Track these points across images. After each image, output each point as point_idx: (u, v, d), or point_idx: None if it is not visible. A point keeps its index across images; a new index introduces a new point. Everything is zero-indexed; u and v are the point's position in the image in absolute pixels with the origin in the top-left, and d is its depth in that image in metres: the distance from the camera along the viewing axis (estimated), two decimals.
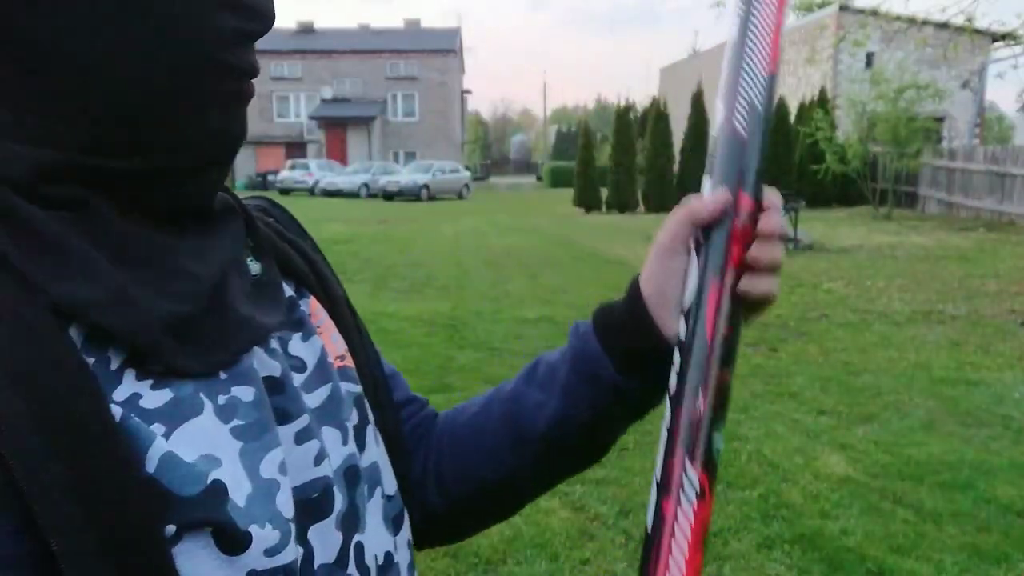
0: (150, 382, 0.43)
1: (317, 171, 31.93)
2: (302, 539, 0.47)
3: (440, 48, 42.24)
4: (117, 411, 0.41)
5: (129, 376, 0.42)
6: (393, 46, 42.07)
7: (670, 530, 0.54)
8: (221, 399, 0.45)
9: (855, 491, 3.49)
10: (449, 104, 42.18)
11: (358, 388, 0.57)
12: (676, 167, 20.32)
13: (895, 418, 4.50)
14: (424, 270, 10.18)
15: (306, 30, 43.34)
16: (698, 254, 0.57)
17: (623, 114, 20.89)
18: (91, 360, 0.41)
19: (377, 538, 0.54)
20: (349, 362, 0.58)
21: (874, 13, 11.35)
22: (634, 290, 0.61)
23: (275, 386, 0.49)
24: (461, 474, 0.66)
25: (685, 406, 0.55)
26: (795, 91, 23.88)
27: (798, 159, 19.29)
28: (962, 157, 16.59)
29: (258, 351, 0.49)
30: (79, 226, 0.42)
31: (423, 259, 11.28)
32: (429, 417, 0.69)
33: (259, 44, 0.50)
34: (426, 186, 28.58)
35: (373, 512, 0.54)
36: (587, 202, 20.61)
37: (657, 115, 20.21)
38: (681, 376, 0.56)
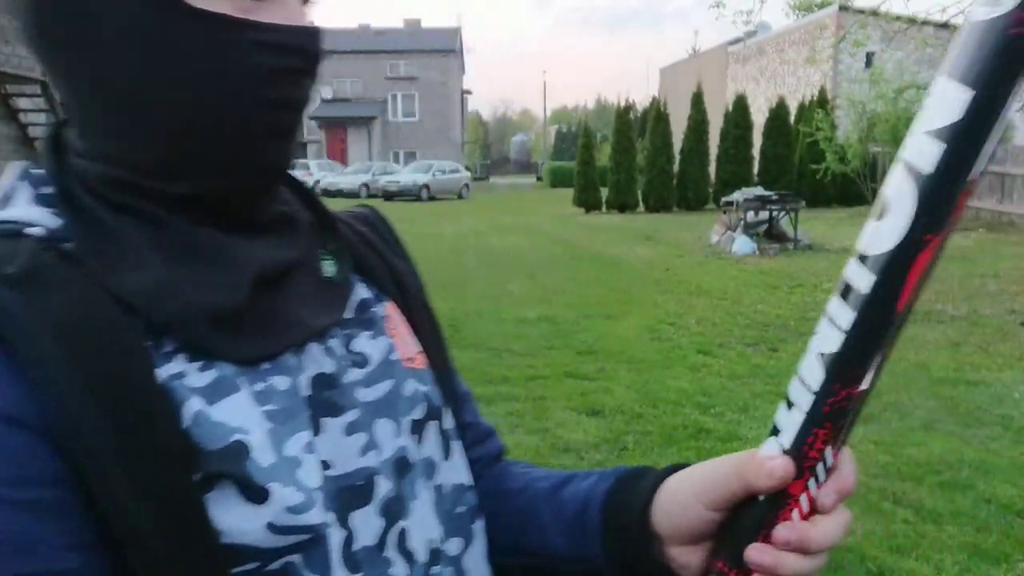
0: (198, 365, 0.48)
1: (317, 171, 31.90)
2: (344, 522, 0.51)
3: (440, 48, 42.26)
4: (161, 376, 0.47)
5: (180, 358, 0.48)
6: (393, 46, 42.11)
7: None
8: (259, 386, 0.50)
9: (855, 491, 3.49)
10: (449, 104, 42.20)
11: (425, 387, 0.61)
12: (676, 167, 20.32)
13: (895, 418, 4.50)
14: (424, 270, 10.12)
15: None
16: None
17: (623, 114, 20.88)
18: (148, 343, 0.47)
19: (425, 526, 0.57)
20: (420, 364, 0.62)
21: (874, 13, 11.34)
22: (646, 516, 0.56)
23: (327, 382, 0.54)
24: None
25: (839, 387, 0.47)
26: (795, 91, 23.89)
27: (798, 159, 19.29)
28: None
29: (314, 349, 0.54)
30: (139, 228, 0.49)
31: (423, 259, 11.07)
32: (490, 455, 0.71)
33: None
34: (426, 186, 28.58)
35: (423, 502, 0.57)
36: (587, 202, 20.60)
37: (657, 115, 20.20)
38: (850, 344, 0.46)
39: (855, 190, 18.31)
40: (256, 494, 0.47)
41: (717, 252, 11.73)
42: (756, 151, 19.91)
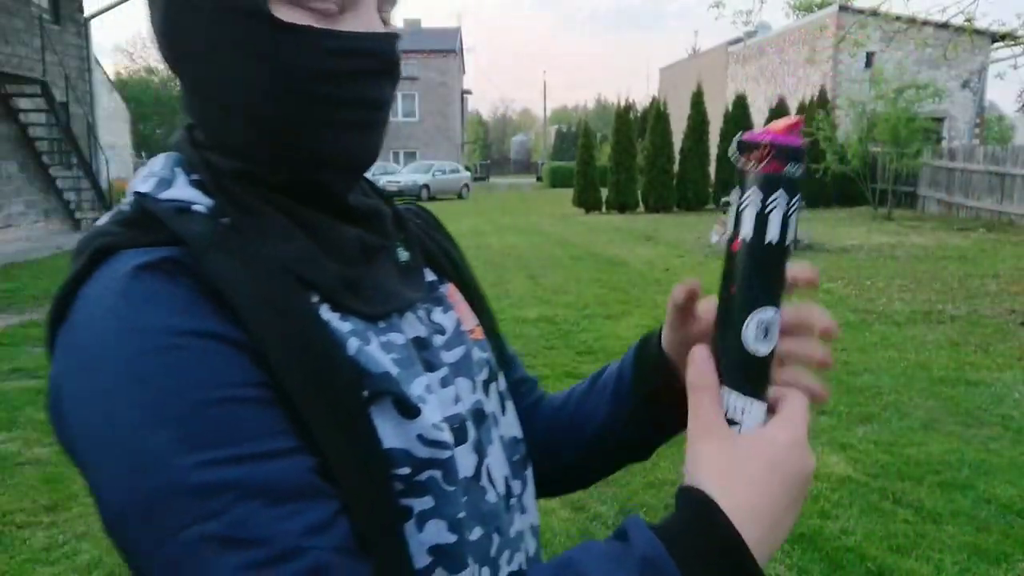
0: (338, 315, 0.58)
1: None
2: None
3: (440, 48, 42.19)
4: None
5: (325, 308, 0.58)
6: None
7: None
8: (382, 338, 0.60)
9: (855, 491, 3.50)
10: (449, 104, 42.15)
11: (486, 354, 0.72)
12: (676, 167, 20.31)
13: (895, 418, 4.50)
14: None
15: None
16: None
17: (623, 114, 20.86)
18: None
19: (498, 466, 0.67)
20: (479, 334, 0.73)
21: (874, 13, 11.32)
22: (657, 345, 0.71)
23: (422, 344, 0.64)
24: (549, 453, 0.80)
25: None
26: (795, 91, 23.88)
27: None
28: (962, 157, 16.58)
29: (409, 316, 0.65)
30: (276, 208, 0.59)
31: None
32: (538, 398, 0.84)
33: None
34: (426, 186, 28.56)
35: (495, 447, 0.68)
36: (587, 202, 20.59)
37: (657, 115, 20.18)
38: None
39: (855, 190, 18.30)
40: (408, 411, 0.57)
41: (717, 252, 11.73)
42: None
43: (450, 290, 0.74)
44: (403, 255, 0.68)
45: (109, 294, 0.51)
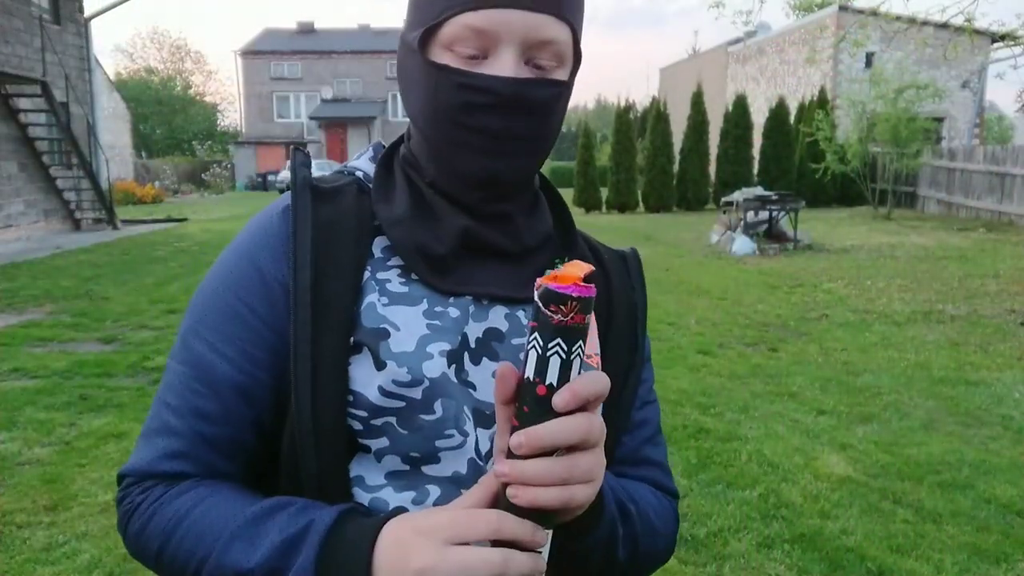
0: (403, 280, 0.74)
1: (317, 171, 31.71)
2: (475, 428, 0.73)
3: None
4: (366, 275, 0.74)
5: (394, 271, 0.75)
6: (393, 46, 41.62)
7: None
8: (437, 308, 0.73)
9: (855, 491, 3.49)
10: None
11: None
12: (676, 167, 20.30)
13: (895, 418, 4.50)
14: None
15: (306, 30, 43.28)
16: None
17: (623, 114, 20.85)
18: (380, 255, 0.76)
19: None
20: (595, 363, 0.77)
21: (874, 13, 11.31)
22: None
23: (496, 335, 0.75)
24: None
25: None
26: (795, 91, 23.88)
27: (798, 159, 19.29)
28: (962, 157, 16.58)
29: (501, 311, 0.76)
30: (405, 186, 0.78)
31: None
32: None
33: (259, 45, 0.51)
34: None
35: None
36: (587, 202, 20.58)
37: (657, 115, 20.18)
38: None
39: (855, 190, 18.30)
40: (379, 364, 0.70)
41: (717, 252, 11.73)
42: (756, 151, 19.90)
43: (589, 319, 0.79)
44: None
45: (259, 214, 0.79)
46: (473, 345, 0.74)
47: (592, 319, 0.76)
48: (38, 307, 7.71)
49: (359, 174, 0.81)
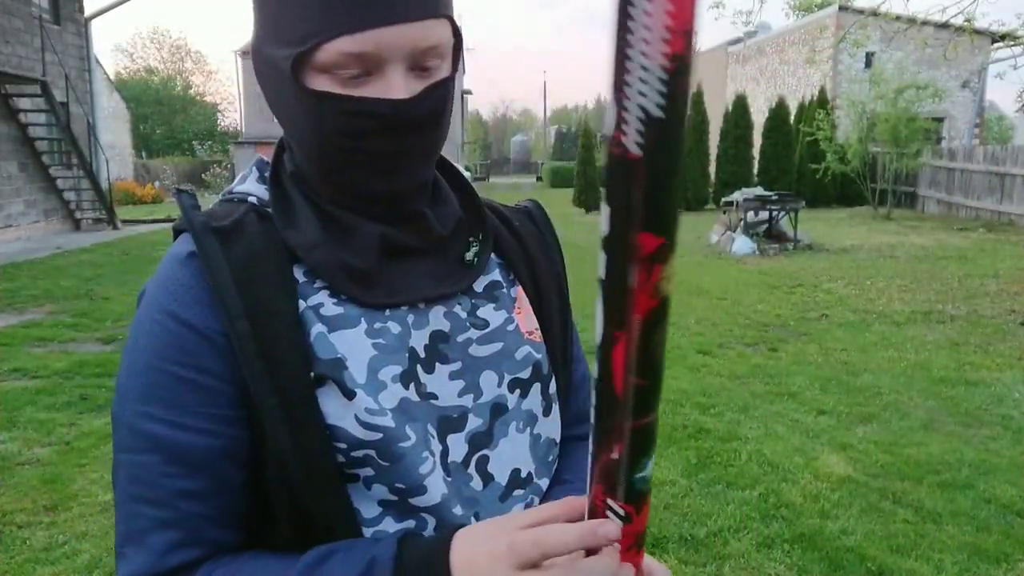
0: (334, 300, 0.70)
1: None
2: (442, 440, 0.71)
3: None
4: (302, 305, 0.69)
5: (323, 293, 0.70)
6: None
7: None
8: (376, 324, 0.71)
9: (855, 491, 3.49)
10: None
11: (539, 356, 0.78)
12: None
13: (895, 418, 4.50)
14: None
15: None
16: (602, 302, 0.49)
17: None
18: (304, 279, 0.70)
19: (510, 458, 0.75)
20: (537, 337, 0.80)
21: (874, 13, 11.31)
22: None
23: (442, 337, 0.74)
24: None
25: (600, 453, 0.54)
26: (795, 91, 23.87)
27: (798, 159, 19.28)
28: (962, 157, 16.57)
29: (439, 312, 0.74)
30: (308, 205, 0.73)
31: None
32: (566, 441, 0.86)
33: None
34: None
35: (516, 441, 0.76)
36: (587, 202, 20.58)
37: None
38: (597, 419, 0.53)
39: (855, 190, 18.29)
40: (348, 394, 0.67)
41: (717, 252, 11.73)
42: (756, 151, 19.90)
43: (517, 293, 0.81)
44: (469, 255, 0.78)
45: (160, 268, 0.71)
46: (423, 355, 0.72)
47: (521, 292, 0.80)
48: (38, 307, 7.71)
49: (252, 200, 0.74)
